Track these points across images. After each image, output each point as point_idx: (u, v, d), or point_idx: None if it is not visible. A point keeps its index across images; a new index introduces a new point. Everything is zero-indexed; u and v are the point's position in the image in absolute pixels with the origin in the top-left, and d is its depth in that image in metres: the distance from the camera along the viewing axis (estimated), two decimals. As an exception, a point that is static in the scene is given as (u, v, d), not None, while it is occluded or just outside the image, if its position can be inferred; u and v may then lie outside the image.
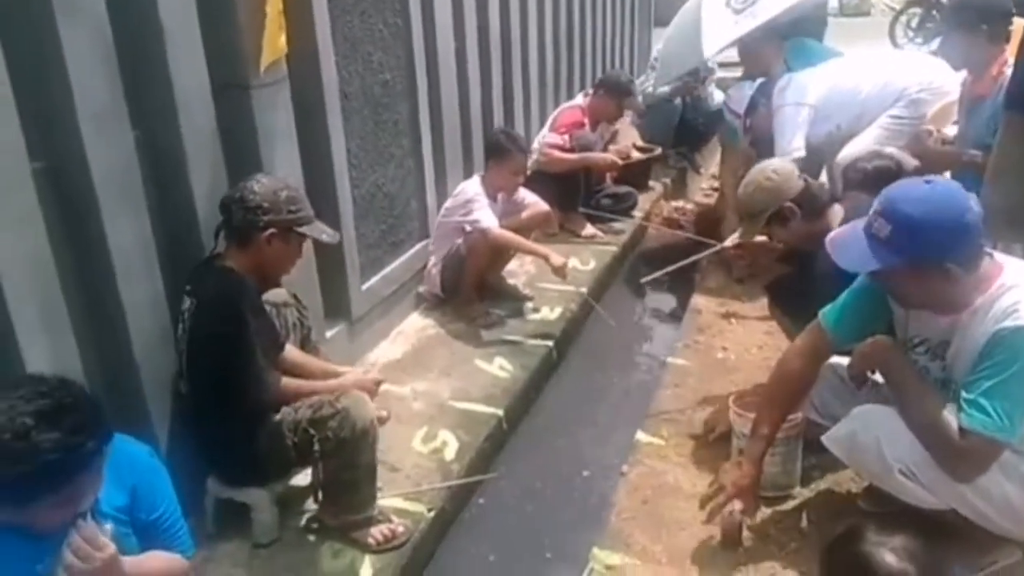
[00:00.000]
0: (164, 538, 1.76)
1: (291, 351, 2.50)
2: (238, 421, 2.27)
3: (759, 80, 4.15)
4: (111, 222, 2.11)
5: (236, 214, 2.27)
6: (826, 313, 2.25)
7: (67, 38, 1.96)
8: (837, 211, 2.70)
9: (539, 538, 2.61)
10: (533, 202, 3.96)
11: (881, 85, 3.68)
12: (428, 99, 3.69)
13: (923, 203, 1.84)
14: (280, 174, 2.63)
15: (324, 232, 2.43)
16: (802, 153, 3.74)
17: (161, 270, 2.30)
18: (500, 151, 3.72)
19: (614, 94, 4.69)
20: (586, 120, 4.69)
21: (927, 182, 1.90)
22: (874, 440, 1.98)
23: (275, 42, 2.51)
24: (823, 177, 3.74)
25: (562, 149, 4.56)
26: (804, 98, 3.80)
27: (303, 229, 2.34)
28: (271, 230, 2.27)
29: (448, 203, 3.76)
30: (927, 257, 1.84)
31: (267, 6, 2.45)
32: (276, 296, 2.50)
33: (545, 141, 4.60)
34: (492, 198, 3.71)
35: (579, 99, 4.93)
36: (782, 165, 2.76)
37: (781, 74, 3.99)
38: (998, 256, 1.96)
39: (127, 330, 2.20)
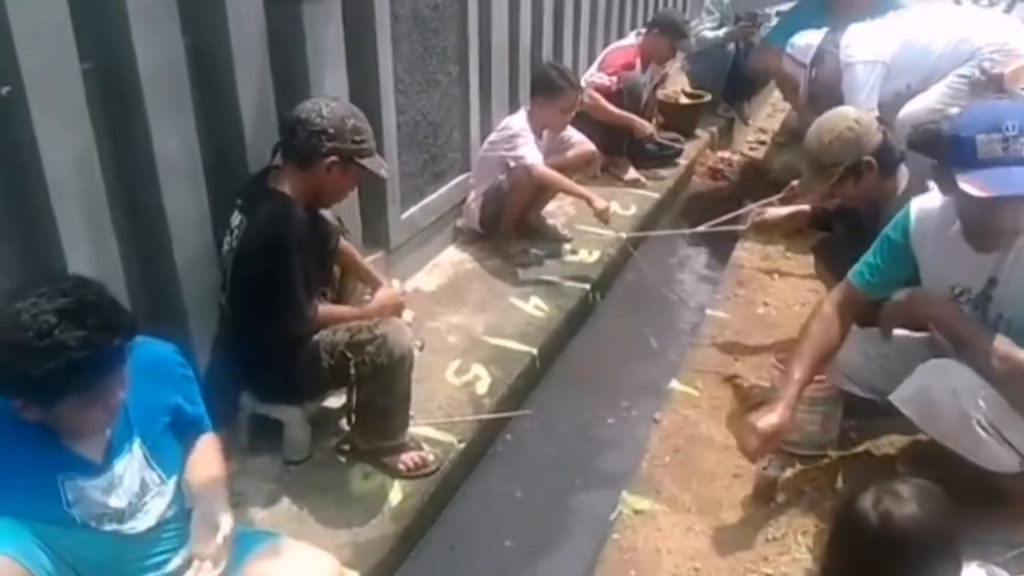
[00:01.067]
0: (195, 426, 1.79)
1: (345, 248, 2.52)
2: (274, 341, 2.26)
3: (825, 29, 3.95)
4: (157, 127, 2.08)
5: (300, 135, 2.18)
6: (856, 270, 2.20)
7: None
8: (904, 171, 2.57)
9: (568, 478, 2.60)
10: (579, 141, 3.86)
11: (955, 43, 3.49)
12: (479, 26, 3.57)
13: None
14: (327, 92, 2.57)
15: (382, 167, 2.35)
16: (876, 114, 3.58)
17: (206, 181, 2.26)
18: (551, 86, 3.60)
19: (668, 34, 4.51)
20: (637, 61, 4.53)
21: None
22: (950, 393, 1.91)
23: None
24: None
25: (609, 92, 4.42)
26: (878, 55, 3.61)
27: (364, 161, 2.25)
28: (333, 157, 2.19)
29: (492, 136, 3.67)
30: None
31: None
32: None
33: (592, 81, 4.46)
34: (537, 134, 3.62)
35: (631, 38, 4.76)
36: (862, 115, 2.57)
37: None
38: None
39: (170, 239, 2.18)
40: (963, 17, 3.89)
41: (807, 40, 3.93)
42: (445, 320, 3.19)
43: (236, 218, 2.21)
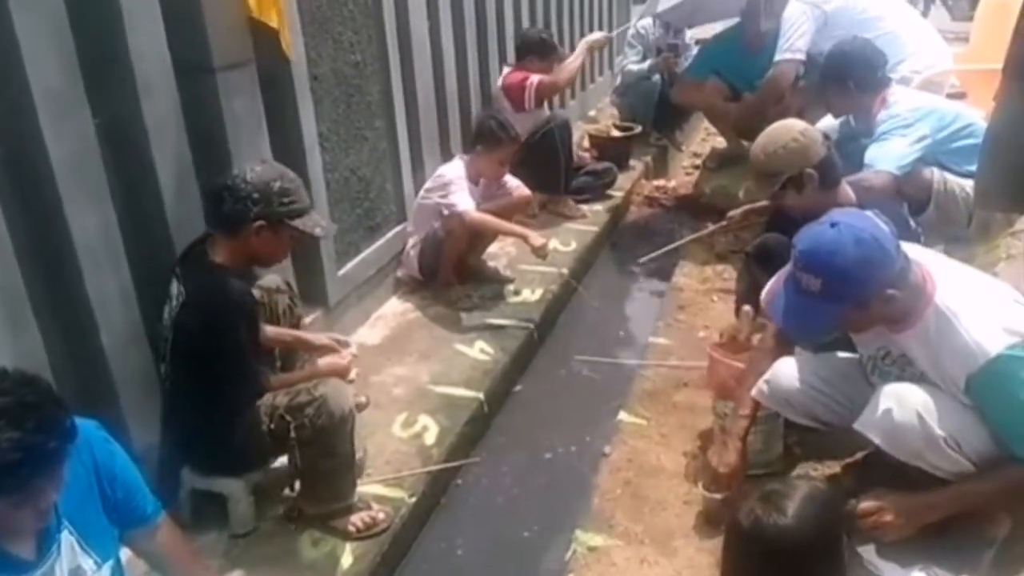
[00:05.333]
0: (134, 505, 1.76)
1: (265, 329, 2.46)
2: (215, 410, 2.23)
3: None
4: (73, 211, 2.06)
5: (226, 203, 2.17)
6: None
7: (20, 21, 1.89)
8: (846, 187, 2.66)
9: (521, 521, 2.59)
10: (516, 187, 3.90)
11: (894, 34, 3.66)
12: (402, 79, 3.62)
13: (840, 247, 1.86)
14: (248, 159, 2.58)
15: (317, 225, 2.30)
16: (801, 56, 3.77)
17: (128, 259, 2.24)
18: (490, 137, 3.65)
19: (537, 50, 4.49)
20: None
21: (832, 224, 1.90)
22: (914, 416, 1.93)
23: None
24: None
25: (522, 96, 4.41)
26: (822, 1, 3.80)
27: (295, 223, 2.23)
28: (260, 222, 2.18)
29: (427, 184, 3.71)
30: (865, 293, 1.88)
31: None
32: (268, 282, 2.46)
33: (536, 85, 4.37)
34: (474, 182, 3.67)
35: (506, 69, 4.65)
36: (808, 128, 2.66)
37: None
38: (915, 257, 1.97)
39: (95, 322, 2.15)
40: (907, 14, 4.07)
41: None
42: (390, 372, 3.18)
43: (175, 287, 2.20)
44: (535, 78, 4.38)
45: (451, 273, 3.69)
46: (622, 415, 2.91)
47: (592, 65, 6.31)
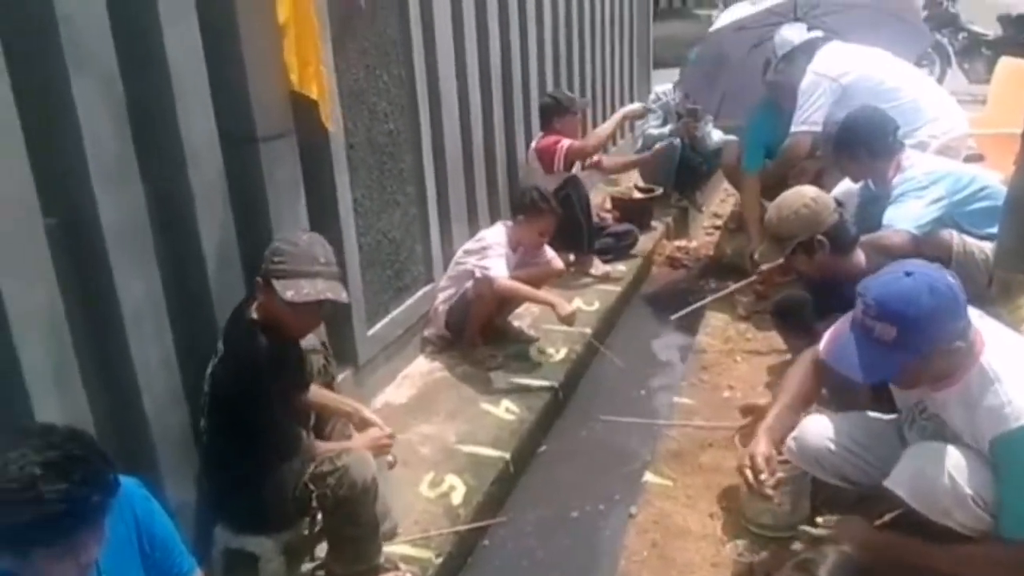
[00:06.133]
0: (171, 562, 1.81)
1: (313, 391, 2.53)
2: (246, 465, 2.29)
3: (812, 33, 4.21)
4: (122, 277, 2.15)
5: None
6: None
7: (79, 92, 2.00)
8: (859, 253, 2.72)
9: (548, 583, 2.60)
10: (551, 257, 3.98)
11: (912, 105, 3.73)
12: (432, 146, 3.75)
13: (917, 296, 1.88)
14: (287, 225, 2.69)
15: (293, 290, 2.20)
16: (817, 128, 3.85)
17: (171, 323, 2.32)
18: (534, 208, 3.77)
19: (560, 109, 4.65)
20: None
21: (907, 273, 1.93)
22: (945, 476, 1.95)
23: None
24: None
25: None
26: (839, 75, 3.91)
27: (278, 283, 2.20)
28: (259, 279, 2.29)
29: (467, 245, 3.84)
30: (935, 344, 1.90)
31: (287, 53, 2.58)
32: (304, 342, 2.52)
33: (566, 150, 4.49)
34: (513, 249, 3.78)
35: (539, 134, 4.81)
36: (820, 195, 2.74)
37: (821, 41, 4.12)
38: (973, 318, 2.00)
39: (137, 385, 2.22)
40: (924, 83, 4.16)
41: (790, 36, 4.19)
42: (417, 431, 3.22)
43: (219, 343, 2.30)
44: (566, 142, 4.52)
45: (477, 334, 3.76)
46: (648, 476, 2.92)
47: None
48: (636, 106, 5.11)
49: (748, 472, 2.17)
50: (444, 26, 3.80)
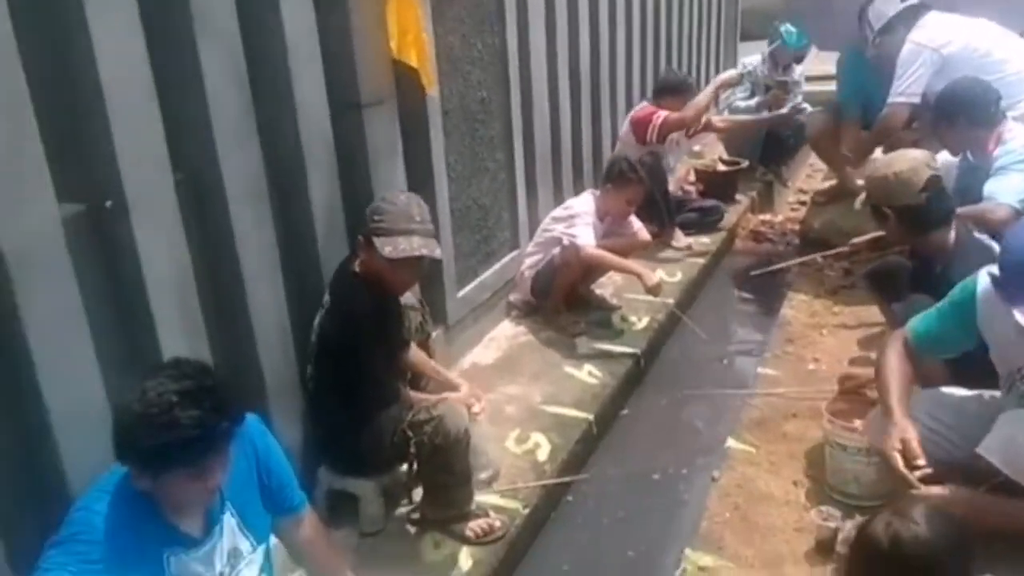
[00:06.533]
0: (285, 495, 1.95)
1: (413, 351, 2.66)
2: (346, 412, 2.44)
3: (902, 3, 4.06)
4: (241, 231, 2.30)
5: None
6: (916, 328, 2.28)
7: (205, 56, 2.15)
8: (946, 233, 2.67)
9: (629, 539, 2.67)
10: (638, 228, 4.02)
11: (1019, 74, 3.60)
12: (521, 116, 3.83)
13: None
14: (386, 188, 2.81)
15: (392, 246, 2.32)
16: (916, 100, 3.77)
17: (283, 274, 2.47)
18: (621, 178, 3.82)
19: (676, 91, 4.69)
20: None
21: None
22: None
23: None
24: None
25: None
26: (940, 45, 3.78)
27: (377, 240, 2.35)
28: (360, 237, 2.43)
29: (555, 212, 3.92)
30: None
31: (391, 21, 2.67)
32: (404, 299, 2.63)
33: (662, 122, 4.52)
34: (600, 218, 3.83)
35: (641, 103, 4.89)
36: (919, 165, 2.66)
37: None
38: None
39: (252, 333, 2.38)
40: None
41: (884, 9, 4.06)
42: (503, 391, 3.32)
43: (325, 296, 2.46)
44: (662, 114, 4.53)
45: (561, 300, 3.84)
46: (730, 442, 2.95)
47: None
48: (732, 73, 5.02)
49: (899, 457, 2.09)
50: (537, -2, 3.85)
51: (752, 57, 5.93)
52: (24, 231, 1.73)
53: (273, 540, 1.99)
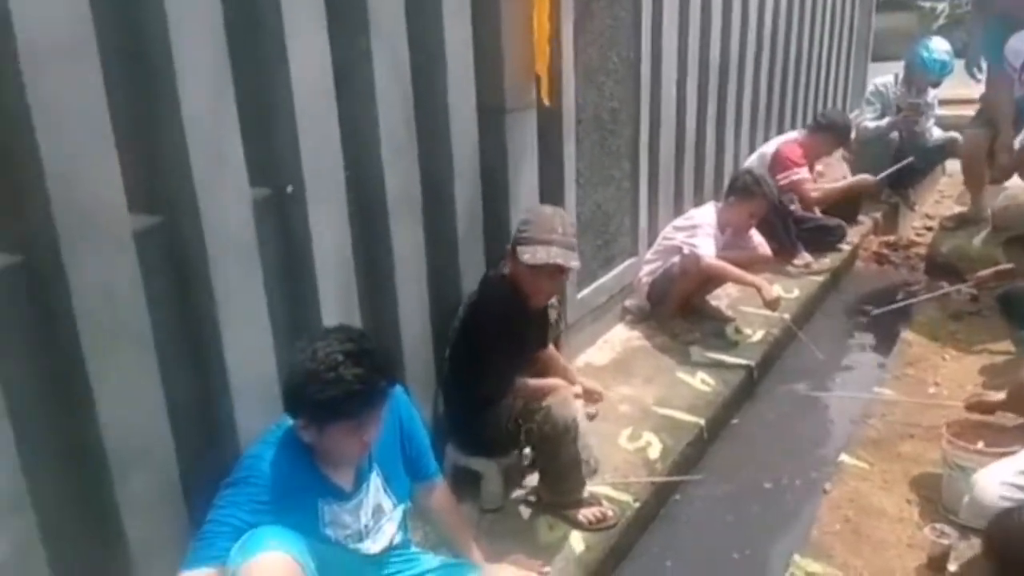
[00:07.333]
0: (423, 463, 2.15)
1: (549, 351, 2.84)
2: (471, 398, 2.62)
3: None
4: (397, 228, 2.51)
5: None
6: None
7: (377, 63, 2.34)
8: None
9: (735, 541, 2.74)
10: (759, 243, 4.06)
11: None
12: (648, 127, 3.95)
13: None
14: (522, 192, 2.99)
15: (531, 255, 2.46)
16: None
17: (428, 273, 2.69)
18: (746, 192, 3.89)
19: (838, 136, 4.73)
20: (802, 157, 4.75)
21: None
22: None
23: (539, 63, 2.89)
24: None
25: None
26: None
27: (518, 248, 2.51)
28: (508, 246, 2.60)
29: (678, 221, 4.02)
30: None
31: (535, 29, 2.82)
32: None
33: (796, 180, 4.71)
34: (721, 230, 3.91)
35: (794, 134, 4.97)
36: None
37: None
38: None
39: (398, 319, 2.59)
40: None
41: (1018, 46, 3.99)
42: (616, 391, 3.44)
43: (467, 296, 2.68)
44: (800, 176, 4.62)
45: (677, 308, 3.93)
46: (844, 457, 2.98)
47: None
48: (869, 179, 5.05)
49: None
50: (672, 14, 3.97)
51: (885, 77, 5.82)
52: (223, 210, 1.99)
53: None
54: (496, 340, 2.55)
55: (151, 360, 1.86)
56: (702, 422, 3.22)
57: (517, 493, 2.75)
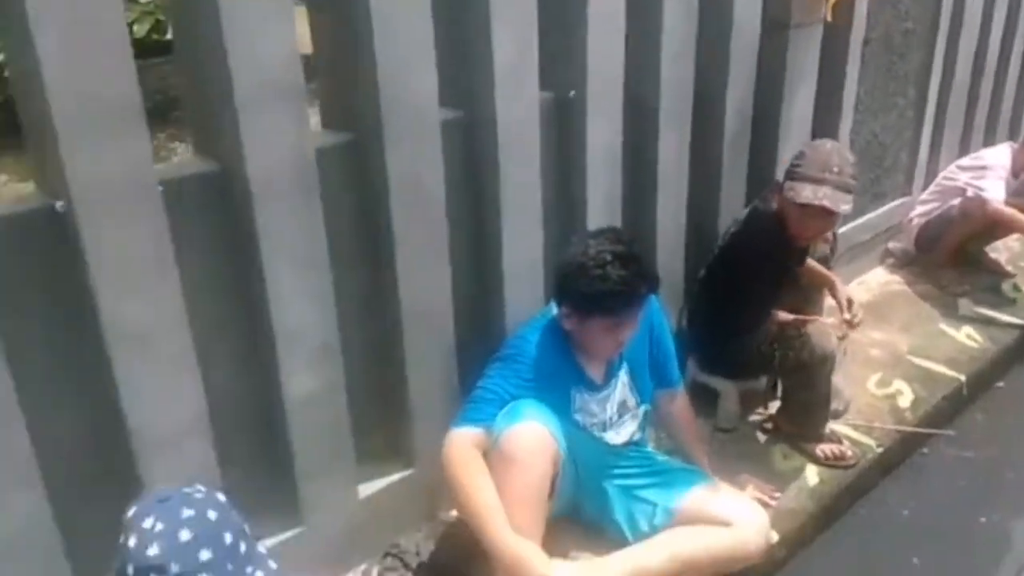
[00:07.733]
0: (668, 370, 2.23)
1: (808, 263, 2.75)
2: (721, 322, 2.61)
3: None
4: (664, 139, 2.54)
5: None
6: None
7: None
8: None
9: (982, 505, 2.58)
10: None
11: None
12: (944, 52, 3.58)
13: None
14: (794, 117, 2.87)
15: (797, 191, 2.32)
16: None
17: (688, 189, 2.70)
18: None
19: None
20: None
21: None
22: None
23: None
24: None
25: None
26: None
27: (787, 183, 2.37)
28: (779, 179, 2.49)
29: (962, 161, 3.68)
30: None
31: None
32: None
33: None
34: (1015, 175, 3.53)
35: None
36: None
37: None
38: None
39: (655, 223, 2.64)
40: None
41: None
42: (868, 335, 3.27)
43: (735, 217, 2.64)
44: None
45: (948, 256, 3.62)
46: None
47: None
48: None
49: None
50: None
51: None
52: (515, 110, 2.11)
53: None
54: (758, 274, 2.49)
55: (443, 235, 2.07)
56: (962, 378, 3.01)
57: (753, 418, 2.76)
